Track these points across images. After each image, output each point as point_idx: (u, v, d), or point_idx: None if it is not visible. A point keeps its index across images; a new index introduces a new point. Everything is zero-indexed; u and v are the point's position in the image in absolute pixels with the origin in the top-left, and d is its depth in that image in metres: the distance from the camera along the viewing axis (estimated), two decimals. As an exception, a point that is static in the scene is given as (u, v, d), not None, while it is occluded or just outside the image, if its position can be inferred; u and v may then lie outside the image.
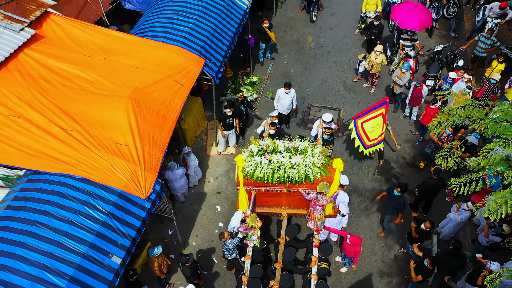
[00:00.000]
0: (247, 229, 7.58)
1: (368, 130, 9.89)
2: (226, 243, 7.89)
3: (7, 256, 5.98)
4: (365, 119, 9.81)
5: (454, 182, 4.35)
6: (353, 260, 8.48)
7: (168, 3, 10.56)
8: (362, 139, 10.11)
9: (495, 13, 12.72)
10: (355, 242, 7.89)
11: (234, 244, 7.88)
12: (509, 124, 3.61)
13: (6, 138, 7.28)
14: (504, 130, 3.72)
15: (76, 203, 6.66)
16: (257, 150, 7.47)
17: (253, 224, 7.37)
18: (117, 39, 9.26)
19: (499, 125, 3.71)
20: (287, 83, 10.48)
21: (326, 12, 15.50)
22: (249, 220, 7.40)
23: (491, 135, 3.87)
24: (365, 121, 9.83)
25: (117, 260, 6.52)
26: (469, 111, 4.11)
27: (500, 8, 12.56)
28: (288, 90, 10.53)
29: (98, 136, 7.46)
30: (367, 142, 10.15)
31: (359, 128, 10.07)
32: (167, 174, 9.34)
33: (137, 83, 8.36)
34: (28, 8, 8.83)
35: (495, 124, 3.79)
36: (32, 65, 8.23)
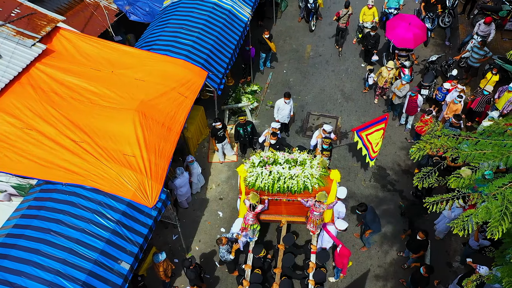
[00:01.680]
0: (244, 230, 8.04)
1: (373, 142, 10.21)
2: (222, 248, 8.33)
3: (24, 262, 6.39)
4: (368, 132, 10.15)
5: (428, 201, 4.76)
6: (341, 271, 8.83)
7: (172, 17, 10.96)
8: (369, 150, 10.42)
9: (482, 31, 13.10)
10: (344, 254, 8.22)
11: (225, 251, 8.36)
12: (477, 153, 4.04)
13: (20, 149, 7.68)
14: (472, 159, 4.17)
15: (87, 212, 7.07)
16: (259, 161, 7.87)
17: (254, 202, 7.88)
18: (124, 52, 9.66)
19: (468, 153, 4.16)
20: (287, 94, 10.86)
21: (325, 21, 15.91)
22: (251, 198, 7.88)
23: (461, 162, 4.30)
24: (369, 133, 10.17)
25: (126, 266, 6.93)
26: (444, 140, 4.52)
27: (485, 23, 12.96)
28: (288, 100, 10.92)
29: (107, 148, 7.86)
30: (372, 154, 10.47)
31: (365, 140, 10.36)
32: (175, 182, 9.71)
33: (143, 96, 8.77)
34: (39, 23, 9.22)
35: (465, 153, 4.23)
36: (44, 79, 8.63)
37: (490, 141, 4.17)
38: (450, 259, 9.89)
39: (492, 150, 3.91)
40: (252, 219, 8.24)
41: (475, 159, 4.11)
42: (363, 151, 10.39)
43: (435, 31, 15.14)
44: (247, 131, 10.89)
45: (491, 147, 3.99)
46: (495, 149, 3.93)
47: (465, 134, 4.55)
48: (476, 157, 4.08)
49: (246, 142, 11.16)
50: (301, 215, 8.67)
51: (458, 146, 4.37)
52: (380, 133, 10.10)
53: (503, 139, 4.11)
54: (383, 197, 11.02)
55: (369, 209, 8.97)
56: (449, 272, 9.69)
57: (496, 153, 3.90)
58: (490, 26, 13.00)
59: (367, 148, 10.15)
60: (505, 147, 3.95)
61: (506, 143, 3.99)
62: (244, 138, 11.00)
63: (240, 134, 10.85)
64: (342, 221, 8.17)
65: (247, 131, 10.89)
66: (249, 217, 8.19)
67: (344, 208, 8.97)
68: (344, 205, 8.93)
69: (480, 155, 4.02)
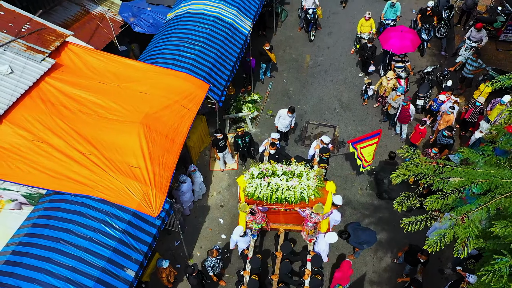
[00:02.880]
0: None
1: (365, 155, 10.71)
2: (211, 260, 8.76)
3: (36, 270, 6.79)
4: (362, 146, 10.61)
5: (404, 221, 5.15)
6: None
7: (175, 30, 11.36)
8: (362, 161, 10.92)
9: (474, 37, 13.49)
10: (343, 269, 8.62)
11: (213, 264, 8.89)
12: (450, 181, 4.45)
13: (31, 161, 8.08)
14: (445, 186, 4.57)
15: (94, 221, 7.47)
16: (258, 173, 8.26)
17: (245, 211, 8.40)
18: (129, 66, 10.06)
19: (442, 181, 4.57)
20: (291, 108, 11.26)
21: (324, 31, 16.30)
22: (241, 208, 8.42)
23: (435, 188, 4.70)
24: (362, 147, 10.63)
25: (131, 273, 7.33)
26: (421, 168, 4.91)
27: (476, 29, 13.33)
28: (292, 114, 11.31)
29: (113, 159, 8.25)
30: (365, 163, 10.99)
31: (359, 153, 10.88)
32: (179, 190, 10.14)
33: (147, 109, 9.17)
34: (48, 38, 9.63)
35: (440, 180, 4.63)
36: (53, 92, 9.03)
37: (462, 169, 4.58)
38: (443, 266, 10.26)
39: (463, 178, 4.32)
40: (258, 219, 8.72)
41: (447, 186, 4.51)
42: (358, 161, 10.86)
43: (431, 41, 15.51)
44: (245, 141, 11.28)
45: (463, 175, 4.40)
46: (465, 177, 4.34)
47: (442, 162, 4.93)
48: (449, 185, 4.48)
49: (245, 152, 11.56)
50: (298, 223, 9.07)
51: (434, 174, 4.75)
52: (373, 147, 10.54)
53: (474, 167, 4.51)
54: (378, 205, 11.39)
55: (352, 235, 9.35)
56: (441, 279, 10.05)
57: (466, 180, 4.31)
58: (481, 33, 13.39)
59: (360, 159, 10.63)
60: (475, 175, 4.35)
61: (476, 172, 4.39)
62: (243, 148, 11.39)
63: (239, 144, 11.24)
64: (333, 233, 8.55)
65: (245, 141, 11.28)
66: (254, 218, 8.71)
67: (339, 217, 9.37)
68: (340, 214, 9.32)
69: (452, 183, 4.42)
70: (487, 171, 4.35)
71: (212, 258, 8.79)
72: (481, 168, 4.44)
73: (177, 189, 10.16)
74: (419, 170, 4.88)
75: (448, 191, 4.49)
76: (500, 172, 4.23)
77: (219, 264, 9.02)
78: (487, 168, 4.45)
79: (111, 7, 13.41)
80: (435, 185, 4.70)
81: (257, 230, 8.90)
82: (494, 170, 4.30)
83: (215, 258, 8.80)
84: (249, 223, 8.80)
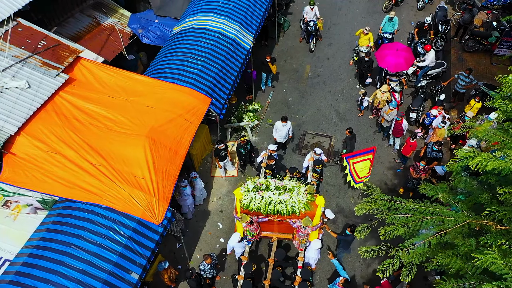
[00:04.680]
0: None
1: (358, 170, 11.34)
2: (204, 264, 9.49)
3: (50, 272, 7.57)
4: (355, 161, 11.24)
5: (361, 250, 5.84)
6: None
7: (181, 45, 12.03)
8: (353, 175, 11.54)
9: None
10: None
11: (206, 269, 9.60)
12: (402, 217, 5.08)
13: (46, 171, 8.85)
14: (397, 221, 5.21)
15: (103, 228, 8.23)
16: (253, 187, 8.98)
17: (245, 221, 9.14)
18: (136, 81, 10.77)
19: (394, 216, 5.21)
20: (284, 118, 11.95)
21: (324, 42, 16.89)
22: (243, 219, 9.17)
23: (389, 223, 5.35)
24: (355, 162, 11.27)
25: (135, 276, 8.09)
26: (378, 204, 5.55)
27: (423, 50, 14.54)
28: (285, 123, 11.99)
29: (121, 170, 8.99)
30: (357, 178, 11.61)
31: (351, 167, 11.52)
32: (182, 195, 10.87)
33: (153, 122, 9.88)
34: (62, 54, 10.35)
35: (393, 215, 5.28)
36: (66, 106, 9.77)
37: (413, 206, 5.23)
38: (427, 273, 10.91)
39: (413, 216, 4.97)
40: (252, 228, 9.47)
41: (398, 221, 5.16)
42: (348, 177, 11.50)
43: (427, 54, 16.04)
44: (247, 149, 12.01)
45: (412, 212, 5.05)
46: (414, 214, 4.98)
47: (397, 199, 5.59)
48: (400, 221, 5.13)
49: (247, 159, 12.28)
50: (290, 232, 9.79)
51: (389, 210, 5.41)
52: (367, 163, 11.16)
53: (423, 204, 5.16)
54: (369, 214, 12.00)
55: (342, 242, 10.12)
56: (425, 286, 10.72)
57: (414, 218, 4.95)
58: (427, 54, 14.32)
59: (351, 174, 11.25)
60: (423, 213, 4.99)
61: (424, 209, 5.03)
62: (246, 156, 12.11)
63: (242, 153, 11.95)
64: (317, 240, 9.36)
65: (247, 149, 12.00)
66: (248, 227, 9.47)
67: (332, 215, 10.11)
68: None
69: (403, 219, 5.07)
70: (433, 209, 4.99)
71: (206, 264, 9.51)
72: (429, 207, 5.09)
73: (180, 196, 10.90)
74: (377, 206, 5.54)
75: (399, 225, 5.15)
76: (443, 210, 4.87)
77: (211, 270, 9.74)
78: (433, 207, 5.10)
79: (121, 19, 14.10)
80: (388, 219, 5.37)
81: (250, 238, 9.63)
82: (440, 208, 4.94)
83: (208, 264, 9.52)
84: (244, 230, 9.54)
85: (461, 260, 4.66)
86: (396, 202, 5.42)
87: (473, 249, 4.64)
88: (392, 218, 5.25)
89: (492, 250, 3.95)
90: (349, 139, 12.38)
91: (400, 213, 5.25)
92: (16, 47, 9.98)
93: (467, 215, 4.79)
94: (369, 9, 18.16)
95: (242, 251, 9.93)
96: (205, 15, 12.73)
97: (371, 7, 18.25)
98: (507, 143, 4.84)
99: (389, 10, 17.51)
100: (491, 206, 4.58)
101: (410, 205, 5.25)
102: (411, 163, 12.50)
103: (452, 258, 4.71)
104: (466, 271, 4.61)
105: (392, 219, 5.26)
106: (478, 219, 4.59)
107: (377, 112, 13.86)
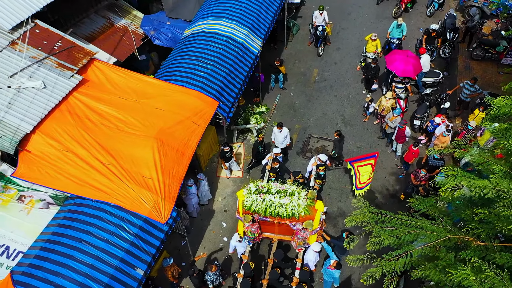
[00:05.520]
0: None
1: (362, 172, 11.62)
2: (210, 274, 9.83)
3: (61, 265, 8.01)
4: (359, 164, 11.54)
5: (348, 258, 6.17)
6: None
7: (191, 48, 12.37)
8: (356, 180, 11.82)
9: None
10: None
11: (212, 278, 9.94)
12: (388, 229, 5.38)
13: (59, 168, 9.29)
14: (382, 233, 5.50)
15: (111, 225, 8.64)
16: (255, 189, 9.33)
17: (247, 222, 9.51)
18: (147, 83, 11.15)
19: (381, 229, 5.53)
20: (279, 124, 12.30)
21: (332, 46, 17.12)
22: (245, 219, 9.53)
23: (375, 236, 5.66)
24: (359, 166, 11.56)
25: (141, 272, 8.50)
26: (366, 216, 5.85)
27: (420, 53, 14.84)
28: (280, 130, 12.30)
29: (129, 170, 9.39)
30: (358, 184, 11.90)
31: (356, 170, 11.81)
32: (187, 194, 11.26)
33: (162, 124, 10.26)
34: (77, 56, 10.78)
35: (380, 228, 5.59)
36: (79, 106, 10.19)
37: (398, 219, 5.52)
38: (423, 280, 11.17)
39: (398, 229, 5.27)
40: (253, 228, 9.83)
41: (384, 234, 5.46)
42: (353, 179, 11.81)
43: (435, 61, 16.20)
44: (263, 145, 12.47)
45: (398, 225, 5.36)
46: (400, 228, 5.28)
47: (385, 213, 5.88)
48: (385, 233, 5.42)
49: (262, 157, 12.53)
50: (290, 234, 10.13)
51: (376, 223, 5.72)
52: (369, 168, 11.44)
53: (409, 218, 5.46)
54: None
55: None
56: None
57: (399, 231, 5.25)
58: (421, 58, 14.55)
59: (356, 177, 11.55)
60: (408, 226, 5.29)
61: (409, 223, 5.33)
62: (261, 153, 12.50)
63: (259, 150, 12.36)
64: (317, 243, 9.65)
65: (263, 146, 12.45)
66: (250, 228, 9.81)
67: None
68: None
69: (388, 232, 5.36)
70: (416, 223, 5.28)
71: (211, 273, 9.88)
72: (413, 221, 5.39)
73: (185, 195, 11.31)
74: (365, 218, 5.85)
75: (385, 237, 5.45)
76: (427, 225, 5.16)
77: (217, 277, 10.12)
78: (417, 221, 5.39)
79: (134, 20, 14.50)
80: (375, 232, 5.68)
81: (251, 238, 10.00)
82: (424, 223, 5.23)
83: (214, 272, 9.90)
84: (246, 230, 9.91)
85: (440, 273, 4.96)
86: (384, 215, 5.72)
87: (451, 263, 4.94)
88: (378, 231, 5.56)
89: (465, 266, 4.24)
90: (338, 141, 12.68)
91: (386, 226, 5.56)
92: (33, 48, 10.42)
93: (450, 229, 5.08)
94: (379, 15, 18.32)
95: (244, 251, 10.31)
96: (216, 19, 13.06)
97: (380, 12, 18.42)
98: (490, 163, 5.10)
99: (399, 16, 17.64)
100: (471, 222, 4.86)
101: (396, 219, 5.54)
102: (413, 170, 12.72)
103: (432, 270, 5.00)
104: (445, 283, 4.91)
105: (378, 231, 5.56)
106: (460, 235, 4.88)
107: (382, 118, 14.10)
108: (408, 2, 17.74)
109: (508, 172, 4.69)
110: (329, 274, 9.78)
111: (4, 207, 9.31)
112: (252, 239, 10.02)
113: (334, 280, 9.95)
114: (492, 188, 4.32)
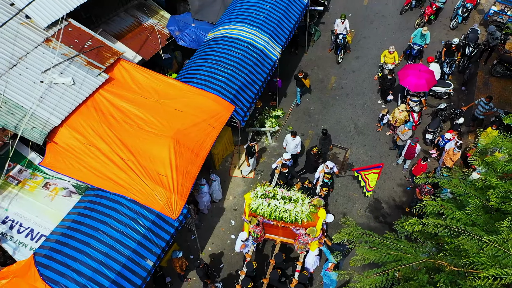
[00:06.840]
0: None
1: (370, 179, 12.10)
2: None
3: (78, 251, 8.76)
4: (366, 173, 12.01)
5: (340, 273, 6.62)
6: None
7: (212, 52, 12.90)
8: (366, 184, 12.31)
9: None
10: None
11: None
12: (370, 250, 5.81)
13: (82, 161, 10.03)
14: (365, 253, 5.93)
15: (126, 218, 9.33)
16: (261, 194, 9.87)
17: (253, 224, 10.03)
18: (168, 84, 11.76)
19: (363, 249, 5.96)
20: (293, 132, 12.76)
21: (352, 54, 17.39)
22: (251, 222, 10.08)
23: (360, 255, 6.11)
24: (366, 174, 12.02)
25: (150, 263, 9.18)
26: (352, 235, 6.26)
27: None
28: (294, 138, 12.76)
29: (146, 167, 10.04)
30: (369, 188, 12.39)
31: (363, 177, 12.29)
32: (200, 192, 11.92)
33: (179, 125, 10.87)
34: (105, 55, 11.47)
35: (362, 247, 6.02)
36: (104, 103, 10.88)
37: (380, 240, 5.94)
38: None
39: (377, 250, 5.69)
40: (257, 230, 10.41)
41: (365, 253, 5.89)
42: (361, 183, 12.26)
43: (453, 75, 16.29)
44: (319, 155, 13.15)
45: (380, 247, 5.77)
46: (380, 249, 5.69)
47: (369, 233, 6.29)
48: (367, 253, 5.85)
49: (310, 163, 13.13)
50: (292, 238, 10.65)
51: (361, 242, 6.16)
52: (375, 175, 11.86)
53: (390, 240, 5.86)
54: (374, 227, 12.70)
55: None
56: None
57: (378, 252, 5.66)
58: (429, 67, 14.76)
59: (364, 181, 12.03)
60: (388, 248, 5.70)
61: (390, 245, 5.73)
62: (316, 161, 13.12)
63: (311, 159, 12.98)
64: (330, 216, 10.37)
65: (318, 156, 13.08)
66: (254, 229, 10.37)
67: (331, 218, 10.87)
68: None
69: (370, 251, 5.81)
70: (397, 245, 5.69)
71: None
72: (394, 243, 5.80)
73: (198, 193, 11.94)
74: (351, 237, 6.30)
75: (366, 256, 5.88)
76: (406, 248, 5.55)
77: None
78: (398, 243, 5.79)
79: (161, 20, 15.12)
80: (357, 250, 6.12)
81: (255, 239, 10.56)
82: (404, 246, 5.63)
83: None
84: (250, 231, 10.47)
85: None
86: (368, 236, 6.15)
87: (423, 285, 5.34)
88: (361, 250, 6.01)
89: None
90: (322, 140, 13.12)
91: (369, 246, 6.00)
92: (65, 46, 11.16)
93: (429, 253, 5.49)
94: (401, 25, 18.44)
95: (248, 249, 10.88)
96: (238, 24, 13.54)
97: (403, 23, 18.53)
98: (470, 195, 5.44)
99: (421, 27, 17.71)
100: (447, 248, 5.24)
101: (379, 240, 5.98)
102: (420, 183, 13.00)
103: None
104: (417, 302, 5.34)
105: (361, 251, 6.01)
106: (436, 259, 5.27)
107: (394, 130, 14.37)
108: (431, 14, 17.79)
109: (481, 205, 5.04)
110: (327, 276, 10.26)
111: (31, 192, 10.11)
112: (255, 239, 10.58)
113: (332, 283, 10.42)
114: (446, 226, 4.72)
